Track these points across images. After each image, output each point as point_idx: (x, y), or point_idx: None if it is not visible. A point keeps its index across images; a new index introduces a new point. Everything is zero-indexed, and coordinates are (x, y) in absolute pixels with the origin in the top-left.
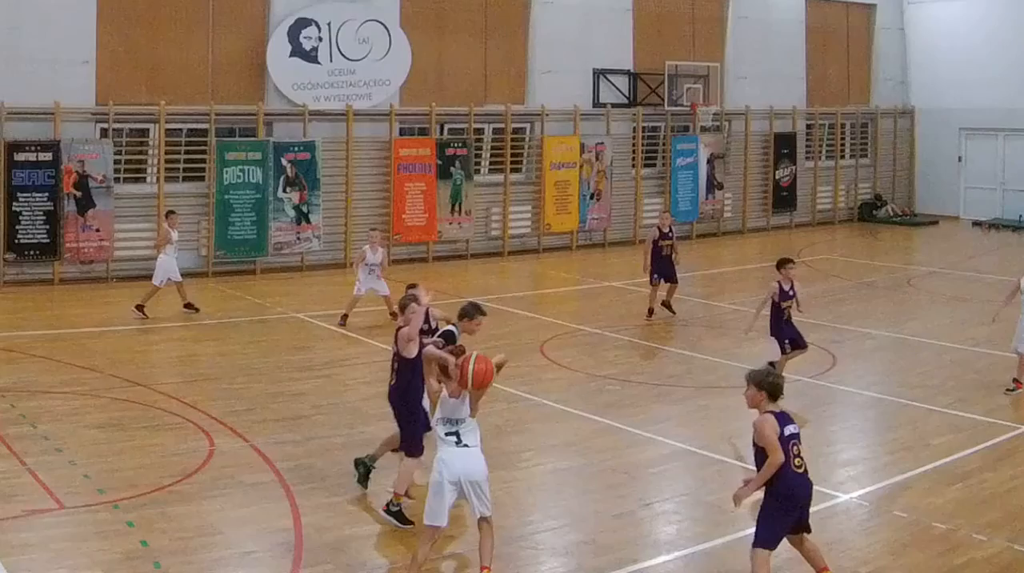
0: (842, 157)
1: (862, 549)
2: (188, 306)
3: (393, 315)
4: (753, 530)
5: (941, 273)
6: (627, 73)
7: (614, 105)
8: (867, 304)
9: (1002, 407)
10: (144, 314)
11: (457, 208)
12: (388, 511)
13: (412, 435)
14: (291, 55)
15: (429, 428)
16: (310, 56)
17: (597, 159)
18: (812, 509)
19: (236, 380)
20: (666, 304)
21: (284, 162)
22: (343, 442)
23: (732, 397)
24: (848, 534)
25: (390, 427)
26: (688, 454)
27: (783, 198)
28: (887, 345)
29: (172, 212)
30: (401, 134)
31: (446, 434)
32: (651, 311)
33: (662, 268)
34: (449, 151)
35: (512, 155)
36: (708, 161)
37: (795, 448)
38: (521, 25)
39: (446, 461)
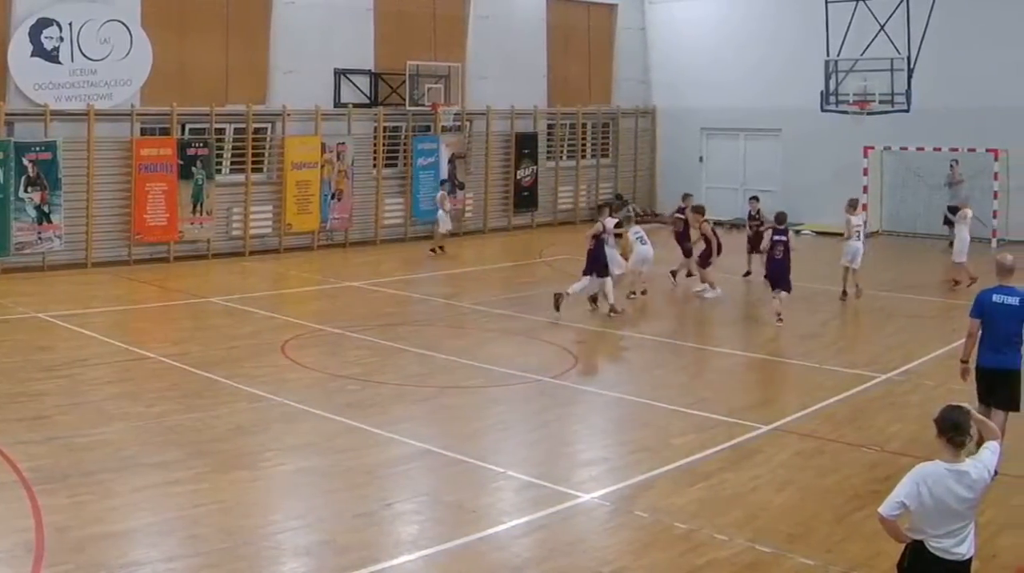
0: (583, 157)
1: (603, 549)
2: (439, 249)
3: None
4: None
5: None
6: (368, 73)
7: (355, 105)
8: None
9: (744, 407)
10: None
11: (198, 208)
12: None
13: None
14: (32, 55)
15: None
16: (51, 56)
17: (338, 159)
18: (553, 509)
19: None
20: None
21: (25, 162)
22: (86, 442)
23: (473, 397)
24: (589, 534)
25: (132, 426)
26: (429, 454)
27: (525, 198)
28: (629, 345)
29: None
30: (142, 134)
31: None
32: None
33: None
34: (190, 151)
35: (254, 155)
36: (449, 161)
37: None
38: (263, 25)
39: None
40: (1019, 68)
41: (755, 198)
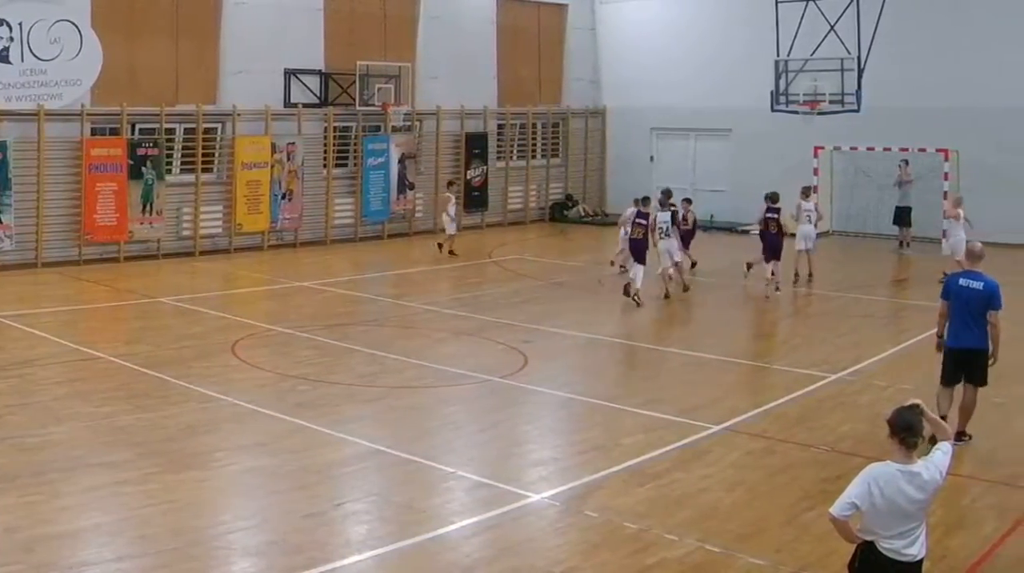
0: (534, 157)
1: (553, 549)
2: (451, 252)
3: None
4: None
5: None
6: (318, 73)
7: (305, 105)
8: (559, 304)
9: (694, 407)
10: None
11: (148, 208)
12: None
13: None
14: None
15: None
16: (1, 56)
17: (288, 159)
18: (503, 509)
19: None
20: None
21: None
22: (36, 442)
23: (423, 397)
24: (539, 534)
25: (82, 426)
26: (379, 454)
27: (475, 198)
28: (579, 345)
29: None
30: (92, 134)
31: None
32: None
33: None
34: (140, 151)
35: (204, 155)
36: (400, 161)
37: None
38: (212, 25)
39: None
40: (969, 68)
41: (688, 200)
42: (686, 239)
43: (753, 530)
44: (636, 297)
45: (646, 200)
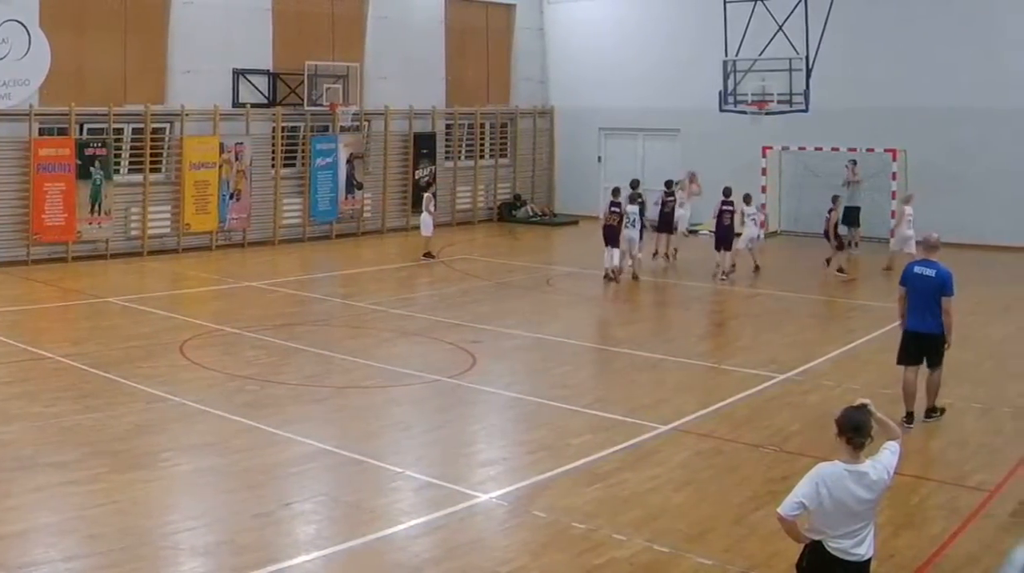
0: (482, 157)
1: (501, 549)
2: (428, 254)
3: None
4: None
5: (581, 273)
6: (267, 73)
7: (254, 105)
8: (506, 304)
9: (642, 407)
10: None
11: (97, 208)
12: None
13: None
14: None
15: None
16: None
17: (237, 159)
18: (451, 509)
19: None
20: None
21: None
22: None
23: (371, 397)
24: (487, 534)
25: (31, 426)
26: (327, 454)
27: (423, 198)
28: (527, 345)
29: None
30: (40, 134)
31: None
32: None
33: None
34: (88, 151)
35: (152, 155)
36: (348, 161)
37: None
38: (161, 24)
39: None
40: (917, 68)
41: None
42: (667, 224)
43: (701, 530)
44: (616, 275)
45: (616, 191)
